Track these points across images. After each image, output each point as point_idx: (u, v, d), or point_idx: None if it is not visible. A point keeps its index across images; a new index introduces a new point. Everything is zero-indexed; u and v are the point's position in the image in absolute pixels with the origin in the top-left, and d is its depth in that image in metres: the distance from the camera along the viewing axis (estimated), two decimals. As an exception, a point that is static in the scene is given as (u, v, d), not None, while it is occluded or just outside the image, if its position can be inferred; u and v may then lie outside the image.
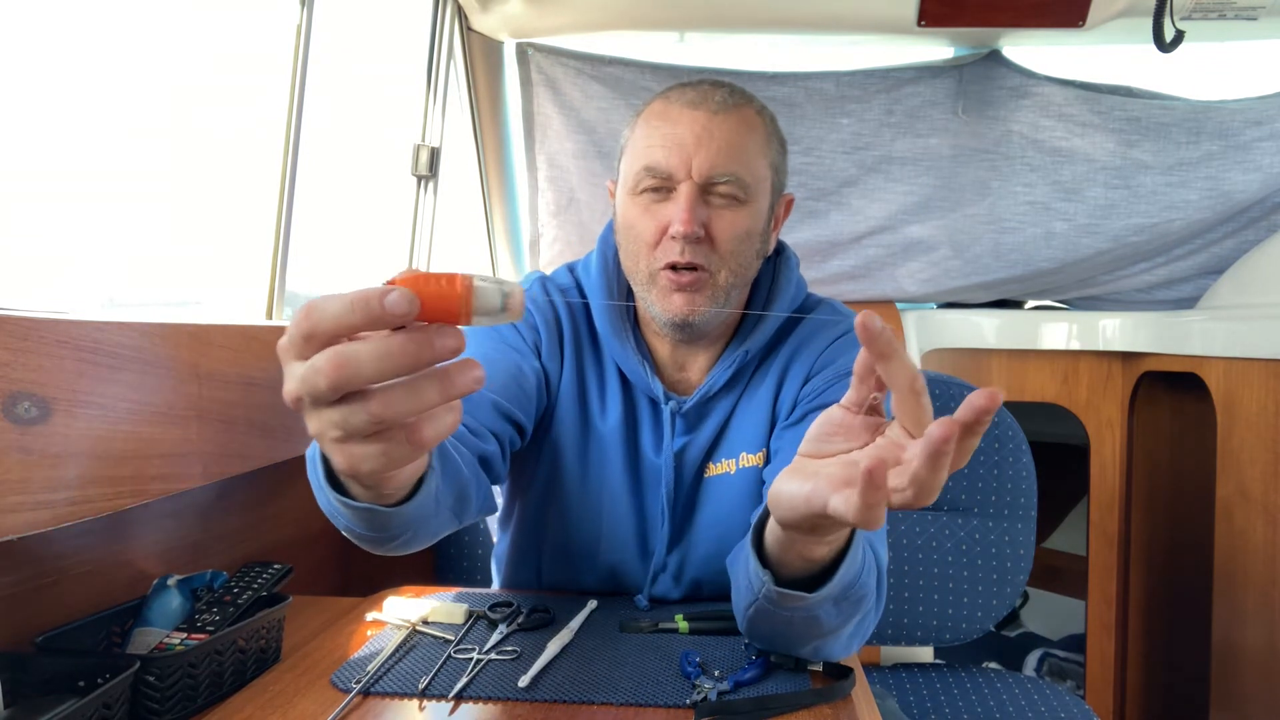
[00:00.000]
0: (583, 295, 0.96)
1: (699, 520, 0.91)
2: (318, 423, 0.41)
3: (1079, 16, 1.55)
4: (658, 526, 0.91)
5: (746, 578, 0.65)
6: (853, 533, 0.59)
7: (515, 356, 0.88)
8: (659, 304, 0.85)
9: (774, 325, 0.91)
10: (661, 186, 0.83)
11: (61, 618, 0.71)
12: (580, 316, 0.95)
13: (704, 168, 0.81)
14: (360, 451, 0.41)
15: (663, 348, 0.93)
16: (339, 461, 0.43)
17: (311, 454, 0.60)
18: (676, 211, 0.80)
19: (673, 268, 0.83)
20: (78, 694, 0.57)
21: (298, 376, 0.39)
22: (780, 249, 0.96)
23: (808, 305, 0.97)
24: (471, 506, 0.72)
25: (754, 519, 0.64)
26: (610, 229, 0.95)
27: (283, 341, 0.40)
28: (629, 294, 0.93)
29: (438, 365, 0.40)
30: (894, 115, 1.75)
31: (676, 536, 0.92)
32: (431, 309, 0.39)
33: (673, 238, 0.81)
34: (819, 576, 0.60)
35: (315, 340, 0.39)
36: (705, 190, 0.82)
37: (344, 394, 0.39)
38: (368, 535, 0.60)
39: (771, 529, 0.59)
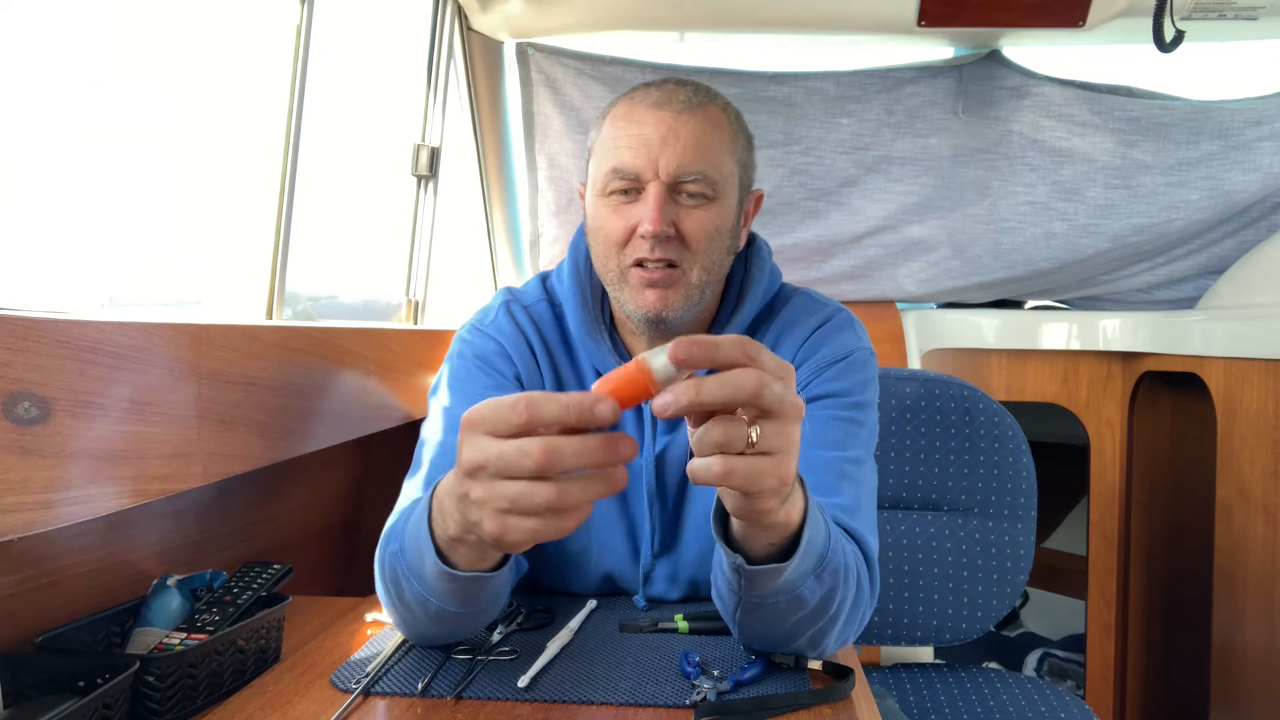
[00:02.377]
0: (554, 304, 0.96)
1: (688, 520, 0.91)
2: (489, 493, 0.49)
3: (1079, 16, 1.55)
4: (644, 529, 0.91)
5: (725, 580, 0.67)
6: (806, 503, 0.61)
7: None
8: (632, 301, 0.85)
9: (749, 317, 0.91)
10: (630, 188, 0.83)
11: (61, 618, 0.72)
12: (549, 325, 0.95)
13: (671, 167, 0.81)
14: (516, 524, 0.49)
15: (639, 347, 0.92)
16: (492, 528, 0.50)
17: (403, 548, 0.67)
18: (645, 211, 0.80)
19: (640, 264, 0.83)
20: (78, 694, 0.57)
21: (494, 452, 0.48)
22: (751, 240, 0.96)
23: (783, 295, 0.96)
24: (513, 580, 0.81)
25: (712, 516, 0.65)
26: (580, 233, 0.95)
27: (476, 417, 0.49)
28: (602, 295, 0.93)
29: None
30: (894, 115, 1.75)
31: (667, 538, 0.91)
32: (627, 398, 0.47)
33: (642, 237, 0.81)
34: (787, 552, 0.62)
35: (530, 429, 0.47)
36: (673, 190, 0.82)
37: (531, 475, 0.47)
38: (454, 612, 0.67)
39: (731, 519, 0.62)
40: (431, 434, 0.88)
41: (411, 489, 0.84)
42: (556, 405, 0.47)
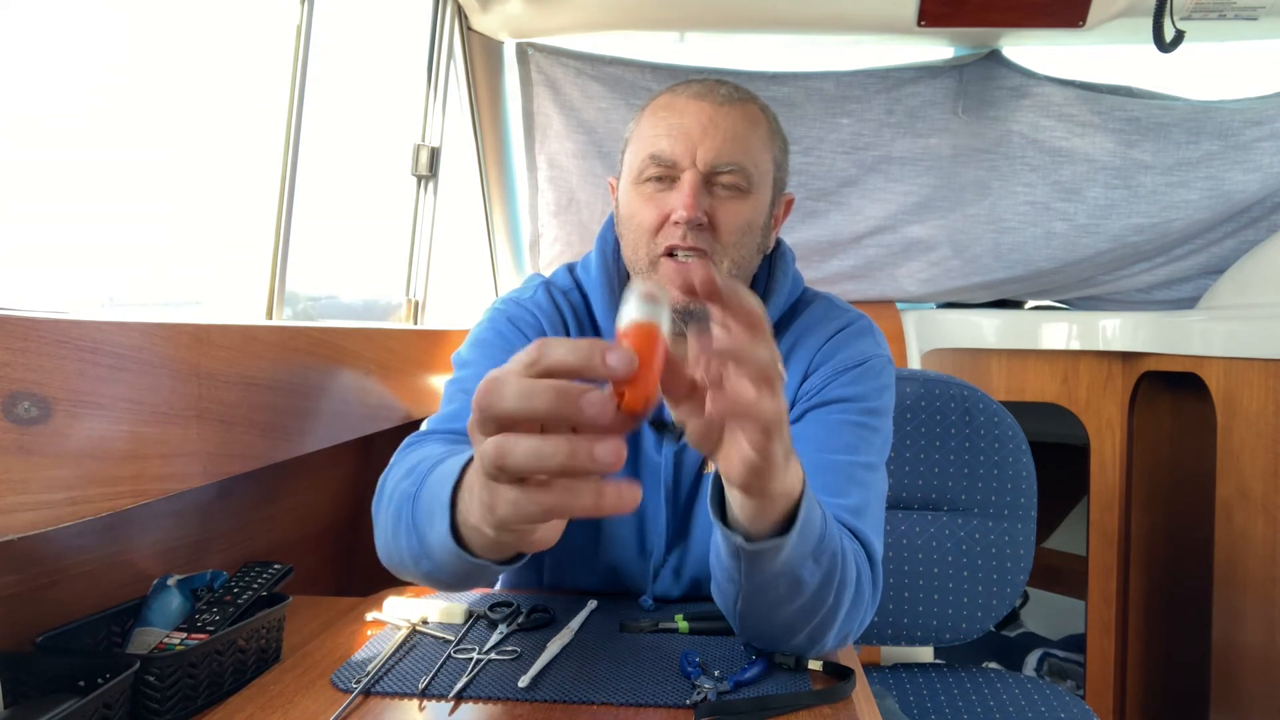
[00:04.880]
0: (583, 295, 0.96)
1: (698, 518, 0.91)
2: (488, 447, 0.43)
3: (1079, 16, 1.55)
4: (657, 525, 0.91)
5: (724, 570, 0.66)
6: (804, 479, 0.61)
7: None
8: None
9: (773, 319, 0.92)
10: (666, 175, 0.83)
11: (61, 618, 0.71)
12: (582, 312, 0.95)
13: (709, 156, 0.81)
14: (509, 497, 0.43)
15: None
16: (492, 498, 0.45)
17: (418, 494, 0.65)
18: (680, 198, 0.81)
19: (672, 254, 0.83)
20: (78, 694, 0.57)
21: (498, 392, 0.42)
22: (776, 244, 0.96)
23: (804, 300, 0.97)
24: None
25: (710, 500, 0.64)
26: (608, 226, 0.96)
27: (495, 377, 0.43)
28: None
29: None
30: (894, 115, 1.75)
31: (677, 535, 0.92)
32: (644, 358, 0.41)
33: (675, 223, 0.81)
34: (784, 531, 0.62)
35: (542, 370, 0.42)
36: (709, 179, 0.83)
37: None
38: (445, 580, 0.65)
39: (728, 499, 0.62)
40: (448, 388, 0.89)
41: (425, 426, 0.85)
42: (566, 346, 0.42)
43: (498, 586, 1.05)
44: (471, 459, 0.58)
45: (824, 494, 0.78)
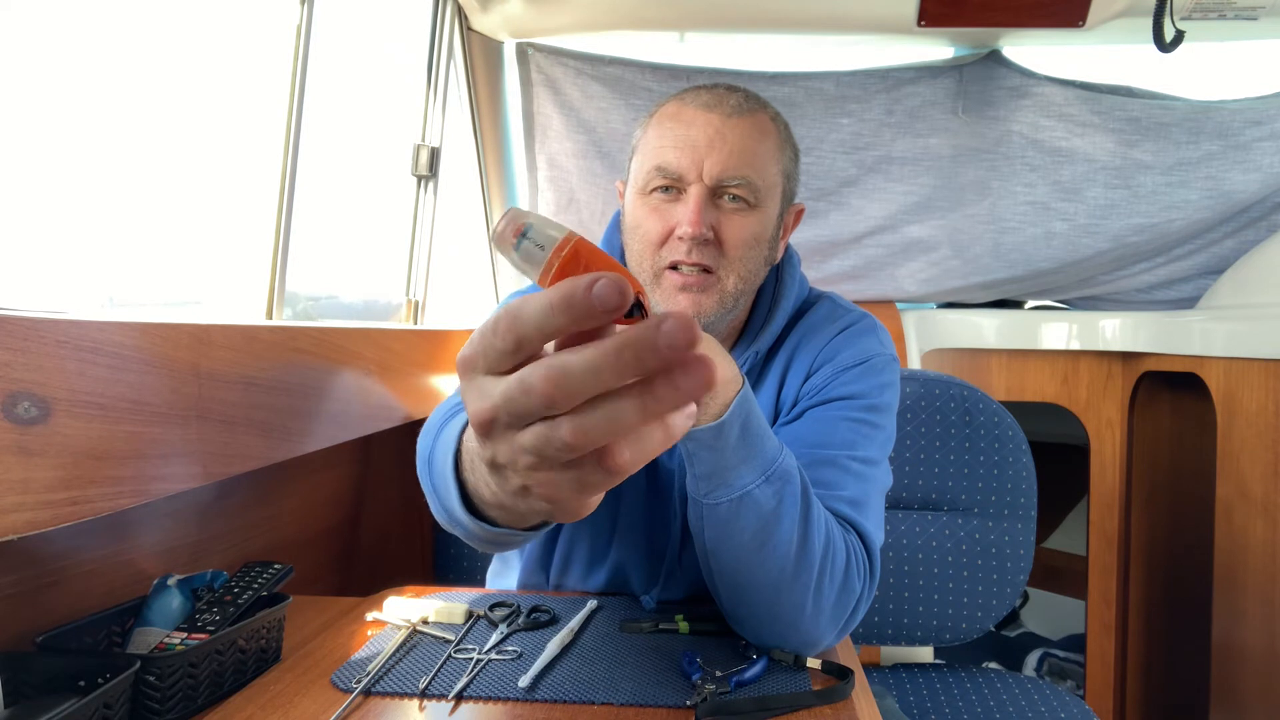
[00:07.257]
0: None
1: None
2: (513, 451, 0.35)
3: (1079, 16, 1.55)
4: (670, 529, 0.91)
5: (692, 525, 0.72)
6: (743, 396, 0.67)
7: None
8: (664, 304, 0.84)
9: (782, 324, 0.91)
10: (671, 187, 0.83)
11: (62, 618, 0.72)
12: None
13: (715, 170, 0.80)
14: (558, 481, 0.35)
15: None
16: (544, 493, 0.36)
17: (431, 460, 0.66)
18: (685, 213, 0.80)
19: (675, 267, 0.83)
20: (78, 694, 0.57)
21: (499, 395, 0.33)
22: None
23: (809, 300, 0.97)
24: None
25: None
26: (613, 228, 0.95)
27: (468, 356, 0.34)
28: None
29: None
30: (894, 115, 1.75)
31: (686, 537, 0.92)
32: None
33: (680, 238, 0.81)
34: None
35: (524, 349, 0.33)
36: (715, 193, 0.82)
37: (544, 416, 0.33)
38: (489, 544, 0.64)
39: None
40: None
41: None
42: (538, 307, 0.31)
43: (504, 586, 1.05)
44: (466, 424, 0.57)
45: (820, 487, 0.78)
